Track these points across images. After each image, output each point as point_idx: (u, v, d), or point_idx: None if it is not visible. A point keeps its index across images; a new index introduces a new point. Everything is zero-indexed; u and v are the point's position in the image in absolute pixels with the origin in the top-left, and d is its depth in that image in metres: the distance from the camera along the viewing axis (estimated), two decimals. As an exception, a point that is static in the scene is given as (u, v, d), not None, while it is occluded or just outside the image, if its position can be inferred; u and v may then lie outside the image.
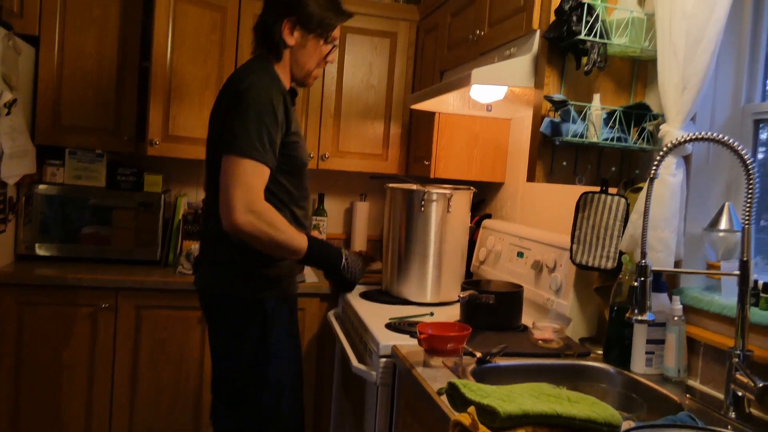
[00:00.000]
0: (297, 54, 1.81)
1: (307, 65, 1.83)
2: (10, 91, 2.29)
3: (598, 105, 1.63)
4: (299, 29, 1.79)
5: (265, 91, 1.68)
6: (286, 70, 1.82)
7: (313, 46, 1.82)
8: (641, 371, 1.56)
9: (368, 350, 1.89)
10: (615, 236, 1.69)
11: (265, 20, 1.80)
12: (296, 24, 1.78)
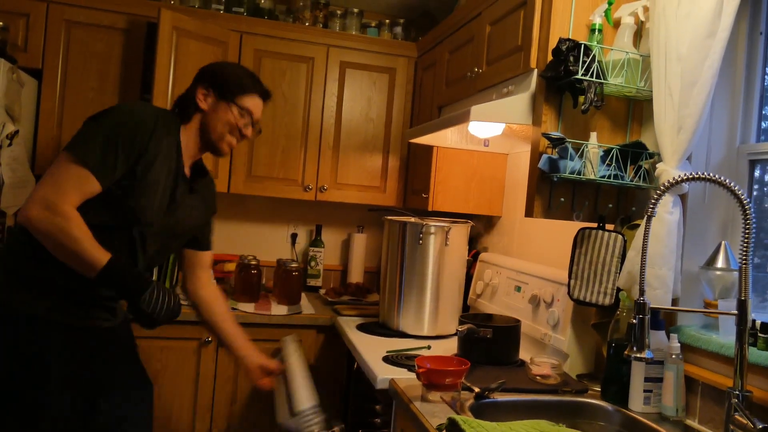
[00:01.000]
0: (208, 118, 1.76)
1: (218, 129, 1.76)
2: (13, 123, 2.31)
3: (595, 143, 1.66)
4: (212, 94, 1.77)
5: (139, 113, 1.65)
6: (191, 134, 1.76)
7: (223, 110, 1.77)
8: (639, 409, 1.55)
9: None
10: (612, 272, 1.70)
11: (186, 91, 1.80)
12: (209, 88, 1.77)
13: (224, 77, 1.77)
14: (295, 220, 3.26)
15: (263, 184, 2.86)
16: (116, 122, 1.59)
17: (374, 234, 3.33)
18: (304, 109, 2.90)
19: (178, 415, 2.51)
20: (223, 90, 1.76)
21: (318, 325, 2.62)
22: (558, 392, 1.67)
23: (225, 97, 1.76)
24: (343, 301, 2.83)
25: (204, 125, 1.76)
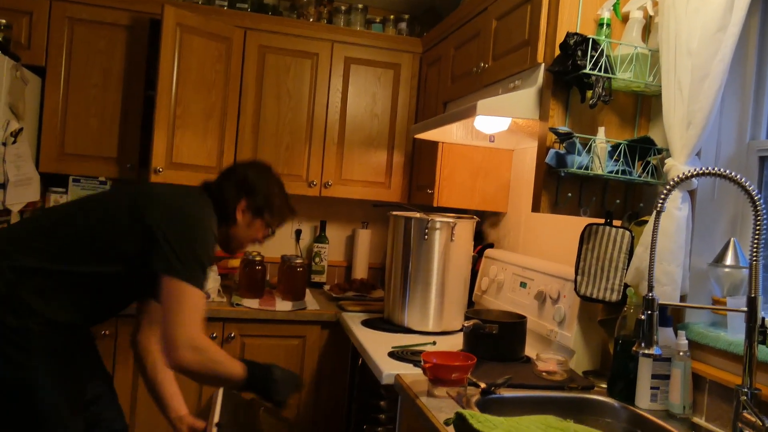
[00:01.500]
0: (239, 230, 1.87)
1: (244, 242, 1.91)
2: (17, 120, 2.31)
3: (603, 138, 1.65)
4: (251, 212, 1.87)
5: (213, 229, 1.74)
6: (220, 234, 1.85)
7: (256, 229, 1.91)
8: (646, 406, 1.54)
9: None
10: (620, 269, 1.69)
11: (225, 187, 1.86)
12: (251, 207, 1.87)
13: (269, 204, 1.89)
14: (299, 215, 3.25)
15: (268, 180, 2.85)
16: (205, 242, 1.68)
17: (379, 230, 3.32)
18: (309, 104, 2.90)
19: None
20: (264, 214, 1.89)
21: (323, 320, 2.62)
22: (564, 388, 1.66)
23: (264, 220, 1.90)
24: (348, 297, 2.83)
25: (232, 233, 1.87)
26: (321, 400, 2.63)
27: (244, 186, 1.86)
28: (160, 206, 1.66)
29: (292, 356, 2.58)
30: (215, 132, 2.74)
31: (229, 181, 1.88)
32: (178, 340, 1.57)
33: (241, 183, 1.87)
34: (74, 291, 1.63)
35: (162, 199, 1.69)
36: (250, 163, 2.00)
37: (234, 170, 1.93)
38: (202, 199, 1.79)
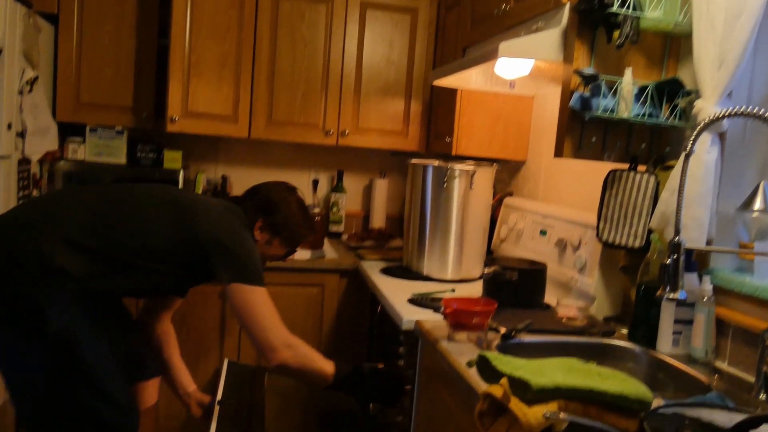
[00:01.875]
0: (258, 247, 1.90)
1: (264, 260, 1.95)
2: (32, 68, 2.29)
3: (630, 80, 1.60)
4: (269, 232, 1.95)
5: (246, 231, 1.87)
6: None
7: (276, 248, 1.99)
8: (667, 351, 1.54)
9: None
10: (644, 214, 1.66)
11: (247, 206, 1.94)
12: (268, 226, 1.94)
13: (287, 224, 1.95)
14: (316, 165, 3.24)
15: (284, 129, 2.83)
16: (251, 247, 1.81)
17: (396, 179, 3.30)
18: (324, 52, 2.84)
19: (205, 361, 2.56)
20: (282, 233, 1.96)
21: (341, 269, 2.64)
22: (585, 334, 1.67)
23: (283, 239, 1.97)
24: (366, 246, 2.84)
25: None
26: (340, 347, 2.67)
27: (264, 205, 1.94)
28: (208, 220, 1.77)
29: (311, 304, 2.61)
30: (230, 80, 2.70)
31: (251, 200, 1.96)
32: (273, 342, 1.74)
33: (261, 202, 1.95)
34: (114, 274, 1.70)
35: (206, 214, 1.79)
36: (275, 184, 2.04)
37: (258, 189, 2.00)
38: (234, 214, 1.87)
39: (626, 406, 1.07)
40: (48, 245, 1.62)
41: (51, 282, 1.61)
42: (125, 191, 1.83)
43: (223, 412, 1.90)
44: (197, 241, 1.74)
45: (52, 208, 1.72)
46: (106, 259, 1.68)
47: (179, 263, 1.76)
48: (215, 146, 3.10)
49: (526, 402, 1.01)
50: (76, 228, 1.67)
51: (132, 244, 1.71)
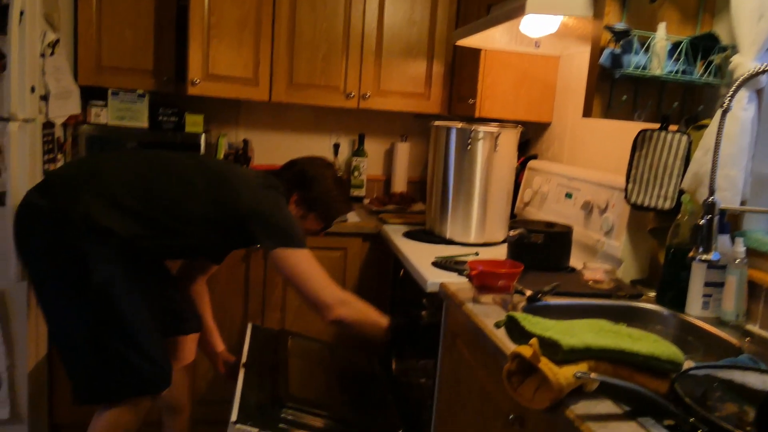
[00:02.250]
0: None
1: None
2: (53, 31, 2.28)
3: (663, 35, 1.55)
4: (304, 206, 1.99)
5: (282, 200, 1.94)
6: None
7: (311, 222, 2.02)
8: (697, 314, 1.52)
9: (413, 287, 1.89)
10: (675, 175, 1.62)
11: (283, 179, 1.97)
12: (303, 201, 1.98)
13: (323, 199, 1.99)
14: (337, 129, 3.21)
15: (305, 92, 2.80)
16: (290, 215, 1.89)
17: (418, 143, 3.27)
18: (345, 12, 2.78)
19: (229, 326, 2.59)
20: (317, 208, 2.00)
21: (363, 233, 2.63)
22: (612, 297, 1.65)
23: (318, 214, 2.01)
24: (388, 210, 2.83)
25: None
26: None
27: (299, 179, 1.98)
28: (248, 193, 1.83)
29: (333, 267, 2.61)
30: (250, 42, 2.67)
31: (287, 174, 1.99)
32: (327, 300, 1.79)
33: (297, 177, 1.98)
34: (156, 235, 1.78)
35: (246, 187, 1.85)
36: (311, 158, 2.07)
37: (294, 164, 2.03)
38: (273, 187, 1.92)
39: (657, 367, 1.06)
40: (95, 206, 1.71)
41: (96, 239, 1.70)
42: (165, 158, 1.89)
43: (248, 374, 1.93)
44: (238, 211, 1.81)
45: (98, 169, 1.80)
46: (149, 222, 1.76)
47: (218, 229, 1.84)
48: (236, 110, 3.08)
49: (555, 362, 1.01)
50: (122, 190, 1.76)
51: (173, 208, 1.78)
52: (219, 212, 1.82)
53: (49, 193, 1.74)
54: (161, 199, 1.79)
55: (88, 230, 1.69)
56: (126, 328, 1.74)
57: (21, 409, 2.24)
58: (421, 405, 2.02)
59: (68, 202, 1.71)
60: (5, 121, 2.07)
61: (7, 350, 2.19)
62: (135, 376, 1.77)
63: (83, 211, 1.70)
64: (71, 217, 1.69)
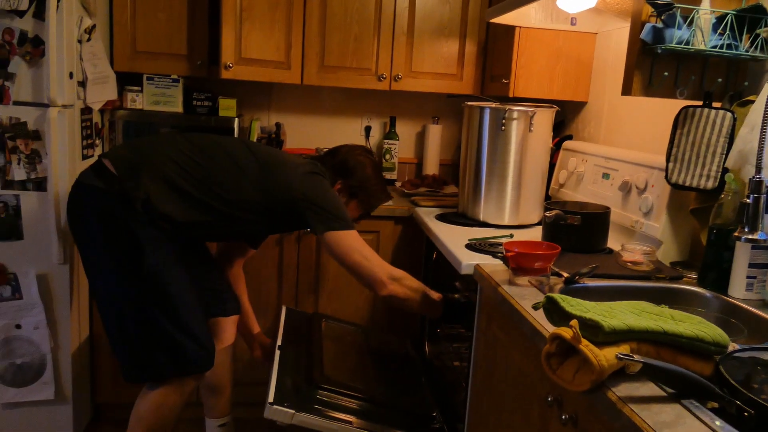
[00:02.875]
0: None
1: None
2: (89, 16, 2.30)
3: (708, 8, 1.49)
4: (347, 193, 2.05)
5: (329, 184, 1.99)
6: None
7: (352, 209, 2.07)
8: (740, 296, 1.48)
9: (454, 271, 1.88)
10: (718, 154, 1.58)
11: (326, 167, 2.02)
12: (346, 188, 2.05)
13: (364, 186, 2.06)
14: (368, 112, 3.20)
15: (336, 75, 2.79)
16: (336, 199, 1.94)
17: (450, 125, 3.24)
18: (376, -8, 2.76)
19: (264, 309, 2.62)
20: (358, 195, 2.07)
21: (395, 216, 2.62)
22: (651, 279, 1.61)
23: (359, 201, 2.08)
24: (420, 193, 2.81)
25: None
26: (395, 292, 2.68)
27: (342, 168, 2.04)
28: (297, 178, 1.88)
29: (366, 250, 2.62)
30: (282, 24, 2.66)
31: (330, 162, 2.05)
32: (379, 275, 1.85)
33: (340, 165, 2.04)
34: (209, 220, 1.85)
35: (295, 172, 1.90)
36: (352, 147, 2.13)
37: (336, 152, 2.11)
38: (320, 173, 1.96)
39: (702, 349, 1.03)
40: (155, 190, 1.76)
41: (152, 222, 1.75)
42: (216, 143, 1.93)
43: (283, 356, 1.95)
44: (290, 196, 1.86)
45: (153, 151, 1.85)
46: (205, 207, 1.82)
47: (269, 214, 1.90)
48: (268, 94, 3.09)
49: (596, 344, 0.99)
50: (178, 174, 1.81)
51: (227, 194, 1.84)
52: (271, 197, 1.88)
53: (105, 175, 1.79)
54: (215, 184, 1.83)
55: (146, 214, 1.75)
56: (173, 309, 1.79)
57: (65, 390, 2.32)
58: (456, 387, 2.02)
59: (128, 185, 1.75)
60: (45, 107, 2.12)
61: (51, 332, 2.25)
62: (181, 355, 1.81)
63: (144, 194, 1.74)
64: (132, 199, 1.74)
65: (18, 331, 2.23)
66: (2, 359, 2.23)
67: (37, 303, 2.21)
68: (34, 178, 2.16)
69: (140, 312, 1.78)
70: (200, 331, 1.85)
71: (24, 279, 2.20)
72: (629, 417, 0.90)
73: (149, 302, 1.77)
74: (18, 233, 2.19)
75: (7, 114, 2.12)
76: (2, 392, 2.25)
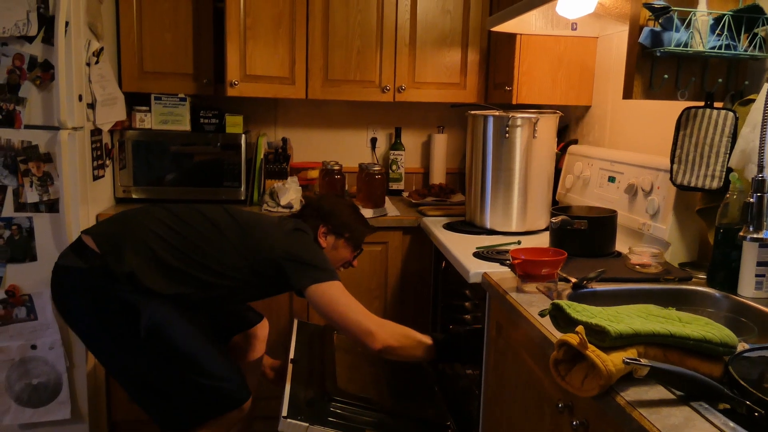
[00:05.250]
0: (327, 253, 2.01)
1: (335, 265, 2.02)
2: (97, 39, 2.35)
3: (705, 10, 1.50)
4: (333, 235, 2.05)
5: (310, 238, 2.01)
6: None
7: (343, 248, 2.08)
8: (750, 295, 1.48)
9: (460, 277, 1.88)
10: (721, 153, 1.58)
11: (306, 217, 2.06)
12: (331, 230, 2.05)
13: (345, 223, 2.07)
14: (374, 123, 3.22)
15: (341, 88, 2.82)
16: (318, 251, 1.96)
17: (455, 134, 3.25)
18: (378, 5, 2.79)
19: (276, 323, 2.64)
20: (344, 234, 2.07)
21: (403, 226, 2.64)
22: (660, 281, 1.61)
23: (345, 239, 2.08)
24: (428, 203, 2.82)
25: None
26: (405, 304, 2.69)
27: (320, 214, 2.06)
28: (278, 236, 1.89)
29: (375, 261, 2.63)
30: (285, 41, 2.70)
31: (307, 213, 2.08)
32: (369, 327, 1.77)
33: (317, 213, 2.06)
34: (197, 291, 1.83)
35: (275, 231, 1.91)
36: (324, 194, 2.23)
37: (309, 203, 2.14)
38: (300, 228, 1.97)
39: (710, 351, 1.03)
40: (138, 265, 1.75)
41: (141, 294, 1.74)
42: (195, 211, 1.92)
43: (297, 369, 1.96)
44: (272, 255, 1.84)
45: (133, 225, 1.84)
46: (188, 278, 1.80)
47: (254, 278, 1.87)
48: (274, 109, 3.12)
49: (603, 349, 0.99)
50: (160, 246, 1.79)
51: (210, 262, 1.82)
52: (254, 259, 1.85)
53: (86, 254, 1.78)
54: (198, 254, 1.82)
55: (134, 289, 1.74)
56: (189, 359, 1.77)
57: (82, 409, 2.34)
58: (468, 395, 2.02)
59: (111, 260, 1.74)
60: (55, 130, 2.16)
61: (66, 352, 2.28)
62: (215, 397, 1.81)
63: (128, 270, 1.73)
64: (116, 275, 1.73)
65: (34, 351, 2.26)
66: (19, 380, 2.26)
67: (52, 323, 2.24)
68: (46, 200, 2.20)
69: (156, 371, 1.77)
70: (224, 367, 1.84)
71: (38, 300, 2.23)
72: (639, 421, 0.90)
73: (161, 360, 1.76)
74: (32, 255, 2.22)
75: (19, 138, 2.16)
76: (19, 413, 2.28)
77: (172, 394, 1.80)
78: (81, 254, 1.78)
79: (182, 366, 1.77)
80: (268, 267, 1.85)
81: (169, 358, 1.76)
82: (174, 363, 1.77)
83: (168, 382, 1.79)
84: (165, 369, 1.77)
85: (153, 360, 1.76)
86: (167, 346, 1.76)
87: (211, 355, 1.83)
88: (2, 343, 2.23)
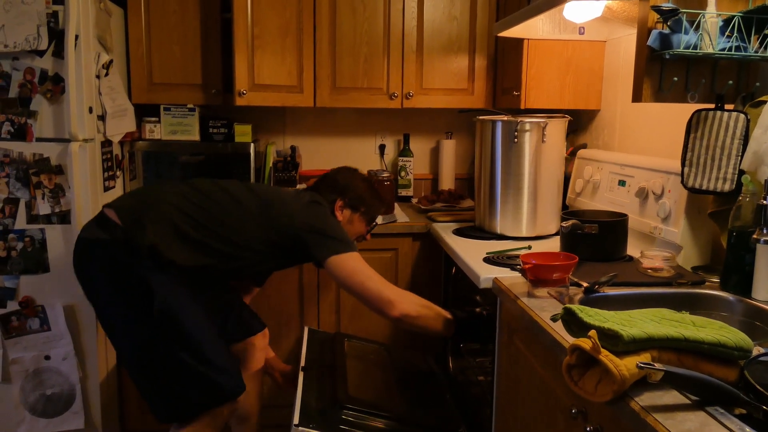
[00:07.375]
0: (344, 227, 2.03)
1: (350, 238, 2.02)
2: (106, 52, 2.37)
3: (714, 11, 1.49)
4: (348, 209, 2.11)
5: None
6: None
7: (357, 223, 2.14)
8: (764, 298, 1.46)
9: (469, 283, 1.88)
10: (733, 156, 1.57)
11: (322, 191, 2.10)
12: (346, 204, 2.10)
13: (361, 198, 2.12)
14: (382, 130, 3.23)
15: (348, 95, 2.82)
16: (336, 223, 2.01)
17: (463, 139, 3.25)
18: (384, 12, 2.80)
19: (287, 331, 2.64)
20: (359, 208, 2.12)
21: (413, 232, 2.63)
22: (672, 284, 1.60)
23: (361, 213, 2.13)
24: (437, 209, 2.82)
25: None
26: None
27: (336, 188, 2.11)
28: (298, 209, 1.94)
29: (385, 268, 2.63)
30: (293, 49, 2.71)
31: (323, 186, 2.13)
32: (389, 296, 1.83)
33: (333, 186, 2.11)
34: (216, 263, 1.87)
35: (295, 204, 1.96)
36: (339, 168, 2.23)
37: (325, 177, 2.19)
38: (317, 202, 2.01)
39: (724, 355, 1.02)
40: (161, 236, 1.78)
41: (161, 269, 1.77)
42: (217, 185, 1.96)
43: (308, 377, 1.96)
44: (293, 228, 1.89)
45: (155, 199, 1.88)
46: (209, 250, 1.84)
47: (274, 249, 1.92)
48: (282, 118, 3.14)
49: (616, 354, 0.98)
50: (181, 219, 1.83)
51: (231, 234, 1.86)
52: (275, 232, 1.90)
53: (109, 226, 1.81)
54: (220, 226, 1.86)
55: (152, 260, 1.76)
56: (194, 345, 1.80)
57: (95, 419, 2.35)
58: (481, 402, 2.01)
59: (133, 234, 1.77)
60: (66, 142, 2.17)
61: (79, 362, 2.29)
62: (212, 388, 1.82)
63: (150, 241, 1.76)
64: (138, 247, 1.75)
65: (47, 362, 2.27)
66: (33, 391, 2.28)
67: (65, 334, 2.26)
68: (58, 211, 2.22)
69: (162, 355, 1.79)
70: (224, 360, 1.86)
71: (51, 311, 2.24)
72: (653, 426, 0.89)
73: (167, 342, 1.78)
74: (44, 266, 2.24)
75: (30, 150, 2.18)
76: (33, 424, 2.29)
77: (171, 380, 1.80)
78: (104, 227, 1.81)
79: (187, 350, 1.79)
80: (287, 239, 1.90)
81: (176, 340, 1.78)
82: (180, 347, 1.78)
83: (170, 366, 1.79)
84: (170, 352, 1.78)
85: (160, 340, 1.78)
86: (176, 331, 1.78)
87: (216, 346, 1.86)
88: (16, 354, 2.25)
